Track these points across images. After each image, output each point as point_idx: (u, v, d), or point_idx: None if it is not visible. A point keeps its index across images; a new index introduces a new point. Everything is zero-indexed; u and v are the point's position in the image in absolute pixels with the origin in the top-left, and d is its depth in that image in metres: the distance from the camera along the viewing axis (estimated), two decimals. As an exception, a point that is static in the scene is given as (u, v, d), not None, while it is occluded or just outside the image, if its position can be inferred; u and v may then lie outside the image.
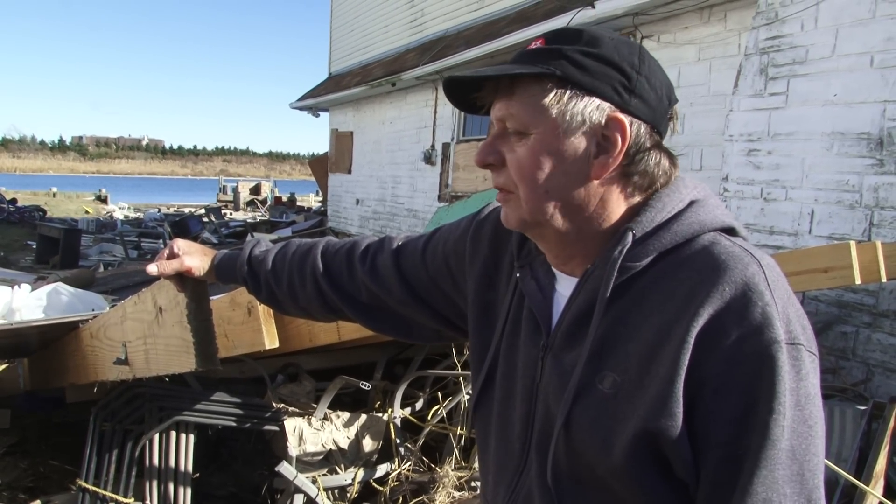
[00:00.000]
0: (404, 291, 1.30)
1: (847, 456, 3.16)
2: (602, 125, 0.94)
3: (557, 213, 0.97)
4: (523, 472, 1.04)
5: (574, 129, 0.94)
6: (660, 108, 0.98)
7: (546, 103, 0.93)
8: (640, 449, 0.88)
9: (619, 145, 0.94)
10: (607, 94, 0.94)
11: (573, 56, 0.93)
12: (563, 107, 0.93)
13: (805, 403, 0.85)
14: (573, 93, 0.93)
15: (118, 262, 11.94)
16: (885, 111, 4.09)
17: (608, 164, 0.94)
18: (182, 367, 1.77)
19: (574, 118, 0.93)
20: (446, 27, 11.06)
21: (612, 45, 0.95)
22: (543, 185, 0.96)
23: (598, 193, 0.96)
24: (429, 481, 3.14)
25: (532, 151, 0.95)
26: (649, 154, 0.96)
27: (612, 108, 0.94)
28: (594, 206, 0.97)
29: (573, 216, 0.97)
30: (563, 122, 0.93)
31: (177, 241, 1.53)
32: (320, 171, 17.16)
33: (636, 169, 0.96)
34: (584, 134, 0.94)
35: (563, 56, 0.94)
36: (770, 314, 0.84)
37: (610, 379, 0.92)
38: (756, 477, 0.82)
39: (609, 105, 0.94)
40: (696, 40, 6.13)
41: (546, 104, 0.93)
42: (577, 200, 0.96)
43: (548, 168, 0.95)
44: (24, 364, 3.50)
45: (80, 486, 2.87)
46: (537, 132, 0.95)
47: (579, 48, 0.94)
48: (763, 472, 0.82)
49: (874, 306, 4.13)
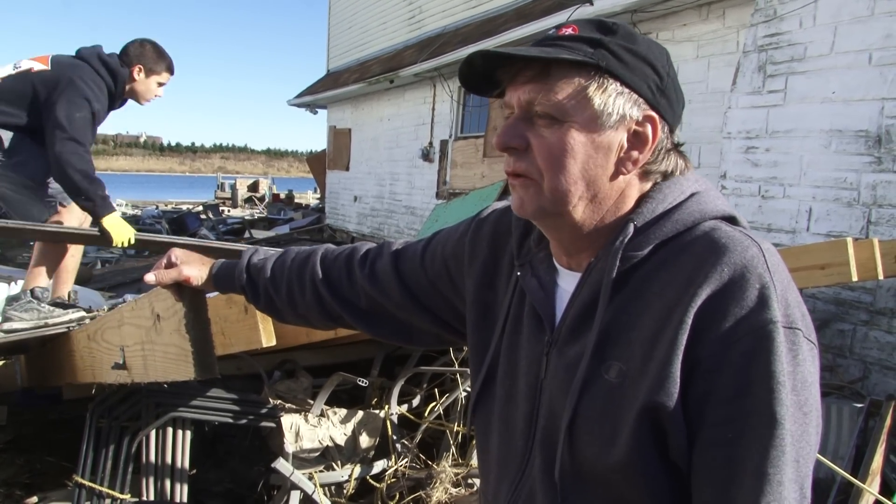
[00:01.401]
0: (404, 296, 1.30)
1: (844, 453, 3.16)
2: (638, 121, 0.94)
3: (580, 204, 0.96)
4: (526, 469, 1.03)
5: (613, 122, 0.93)
6: (678, 112, 0.99)
7: (589, 93, 0.92)
8: (642, 434, 0.88)
9: (649, 142, 0.95)
10: (643, 91, 0.94)
11: (615, 49, 0.93)
12: (606, 98, 0.93)
13: (801, 389, 0.84)
14: (615, 85, 0.93)
15: (115, 259, 11.93)
16: (883, 109, 4.09)
17: (637, 160, 0.96)
18: (180, 375, 1.76)
19: (615, 111, 0.93)
20: (444, 24, 11.06)
21: (645, 43, 0.96)
22: (574, 174, 0.94)
23: (620, 188, 0.97)
24: (426, 478, 3.14)
25: (567, 139, 0.93)
26: (669, 155, 0.98)
27: (647, 106, 0.95)
28: (614, 199, 0.97)
29: (594, 208, 0.97)
30: (604, 113, 0.93)
31: (175, 250, 1.52)
32: (318, 169, 17.15)
33: (657, 168, 0.98)
34: (621, 128, 0.94)
35: (605, 47, 0.93)
36: (768, 295, 0.84)
37: (616, 368, 0.92)
38: (766, 458, 0.82)
39: (644, 102, 0.95)
40: (694, 37, 6.13)
41: (589, 94, 0.92)
42: (602, 193, 0.96)
43: (581, 157, 0.94)
44: (21, 361, 3.49)
45: (77, 482, 2.86)
46: (575, 120, 0.93)
47: (619, 42, 0.94)
48: (774, 452, 0.82)
49: (871, 304, 4.14)
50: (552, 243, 1.06)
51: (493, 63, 0.98)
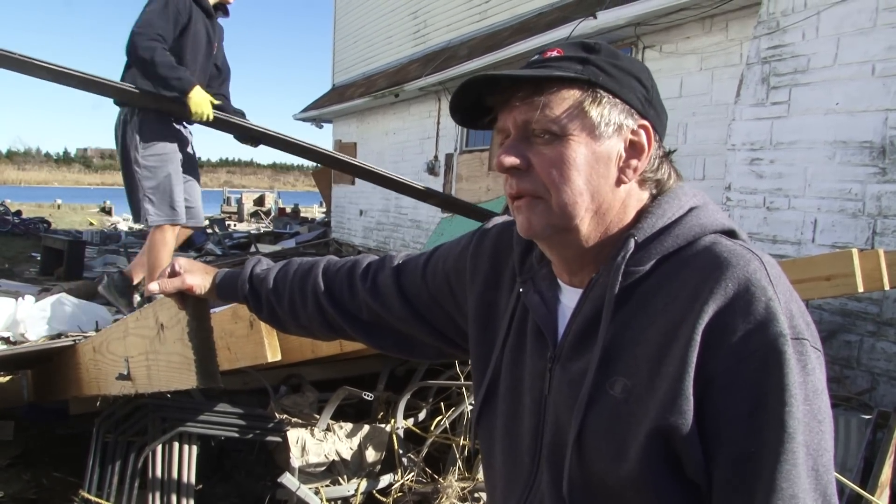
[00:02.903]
0: (405, 309, 1.31)
1: (852, 465, 3.14)
2: (633, 129, 0.98)
3: (587, 216, 0.98)
4: (534, 485, 1.03)
5: (610, 133, 0.97)
6: (664, 122, 1.03)
7: (586, 106, 0.96)
8: (653, 450, 0.88)
9: (646, 150, 0.98)
10: (634, 102, 0.98)
11: (602, 65, 0.97)
12: (602, 110, 0.96)
13: (813, 398, 0.85)
14: (608, 98, 0.96)
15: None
16: (887, 120, 4.09)
17: (637, 168, 0.98)
18: (183, 384, 1.77)
19: (612, 121, 0.96)
20: (449, 38, 11.10)
21: (628, 60, 1.01)
22: (579, 186, 0.96)
23: (621, 198, 0.99)
24: (432, 492, 3.13)
25: (569, 152, 0.96)
26: (663, 162, 1.01)
27: (639, 116, 0.98)
28: (617, 209, 0.99)
29: (599, 219, 0.99)
30: (601, 124, 0.96)
31: (178, 259, 1.54)
32: (324, 183, 17.17)
33: (654, 176, 1.01)
34: (618, 137, 0.97)
35: (593, 63, 0.97)
36: (774, 309, 0.85)
37: (621, 384, 0.92)
38: (779, 472, 0.82)
39: (636, 112, 0.98)
40: (697, 50, 6.15)
41: (585, 107, 0.96)
42: (606, 204, 0.99)
43: (584, 169, 0.96)
44: (28, 376, 3.51)
45: (83, 497, 2.87)
46: (574, 134, 0.96)
47: (605, 59, 0.98)
48: (786, 466, 0.82)
49: (878, 315, 4.12)
50: (554, 262, 1.07)
51: (484, 89, 1.00)
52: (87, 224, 22.62)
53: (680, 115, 6.11)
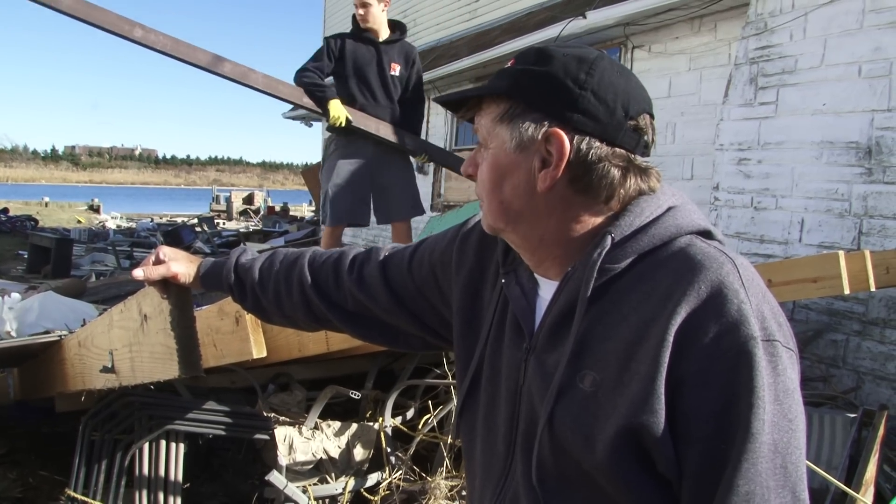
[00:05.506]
0: (391, 301, 1.32)
1: (837, 463, 3.16)
2: (543, 140, 0.98)
3: (513, 222, 1.04)
4: (509, 474, 1.06)
5: (520, 145, 1.00)
6: (612, 122, 0.98)
7: (502, 119, 1.02)
8: (622, 445, 0.89)
9: (558, 159, 0.98)
10: (547, 111, 0.98)
11: (518, 76, 1.01)
12: (511, 123, 1.00)
13: (784, 398, 0.87)
14: (519, 110, 1.00)
15: (110, 271, 11.91)
16: (873, 120, 4.13)
17: (551, 177, 0.99)
18: (166, 374, 1.76)
19: (521, 134, 1.00)
20: (438, 37, 11.09)
21: (561, 62, 0.99)
22: (497, 195, 1.04)
23: (552, 204, 1.01)
24: (420, 490, 3.13)
25: (488, 164, 1.04)
26: (599, 166, 0.98)
27: (552, 124, 0.98)
28: (552, 215, 1.01)
29: (530, 225, 1.03)
30: (512, 137, 1.01)
31: (163, 247, 1.53)
32: (313, 181, 17.10)
33: (588, 181, 0.99)
34: (529, 149, 1.00)
35: (512, 75, 1.01)
36: (745, 311, 0.87)
37: (590, 377, 0.94)
38: (738, 471, 0.84)
39: (549, 121, 0.98)
40: (686, 50, 6.17)
41: (502, 119, 1.02)
42: (529, 210, 1.02)
43: (499, 180, 1.03)
44: (14, 374, 3.48)
45: (70, 496, 2.85)
46: (493, 147, 1.03)
47: (527, 67, 1.01)
48: (745, 465, 0.84)
49: (864, 314, 4.15)
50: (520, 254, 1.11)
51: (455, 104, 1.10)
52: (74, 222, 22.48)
53: (668, 115, 6.14)
